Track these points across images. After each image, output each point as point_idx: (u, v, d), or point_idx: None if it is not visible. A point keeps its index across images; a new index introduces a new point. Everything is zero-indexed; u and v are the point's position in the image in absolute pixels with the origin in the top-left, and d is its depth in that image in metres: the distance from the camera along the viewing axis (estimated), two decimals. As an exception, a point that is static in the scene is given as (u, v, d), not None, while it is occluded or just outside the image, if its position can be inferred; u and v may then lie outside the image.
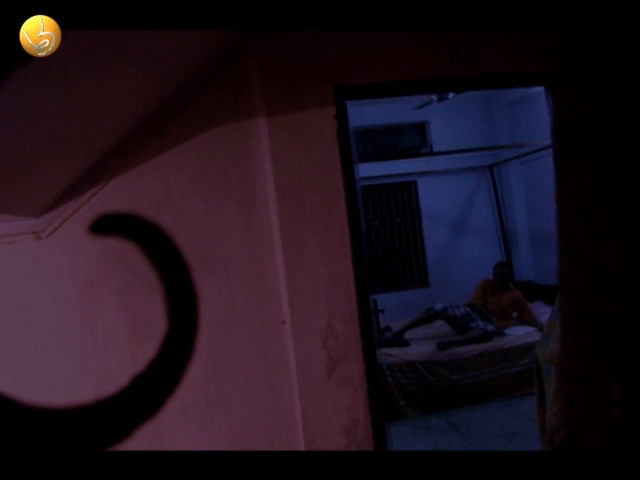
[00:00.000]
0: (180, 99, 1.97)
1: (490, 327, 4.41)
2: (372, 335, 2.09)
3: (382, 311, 2.77)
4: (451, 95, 4.23)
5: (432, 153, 5.76)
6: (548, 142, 2.50)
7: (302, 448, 2.01)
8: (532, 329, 4.42)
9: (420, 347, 4.33)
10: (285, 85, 2.00)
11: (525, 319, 4.61)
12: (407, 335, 4.59)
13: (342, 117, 2.05)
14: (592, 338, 0.66)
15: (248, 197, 2.02)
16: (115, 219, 1.61)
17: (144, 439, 2.00)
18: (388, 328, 4.84)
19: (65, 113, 1.53)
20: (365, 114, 5.49)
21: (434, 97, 4.32)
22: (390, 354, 4.16)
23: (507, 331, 4.50)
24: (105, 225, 1.71)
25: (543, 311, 4.51)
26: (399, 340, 4.47)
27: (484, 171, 6.05)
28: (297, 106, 2.00)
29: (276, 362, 2.03)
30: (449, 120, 5.78)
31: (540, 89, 2.93)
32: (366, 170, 4.78)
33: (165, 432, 2.00)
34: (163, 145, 1.98)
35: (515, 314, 4.70)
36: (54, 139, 1.62)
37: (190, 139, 1.99)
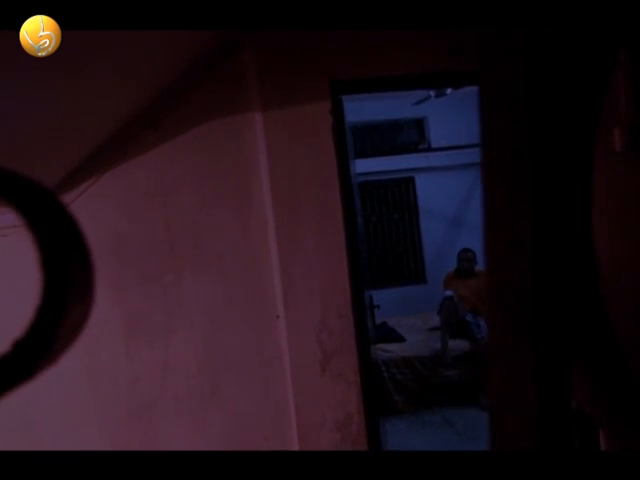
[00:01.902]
0: (175, 93, 1.96)
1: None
2: (366, 330, 2.09)
3: (377, 307, 2.77)
4: (449, 91, 4.22)
5: (430, 149, 5.75)
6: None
7: (295, 442, 2.01)
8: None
9: (416, 343, 4.34)
10: (281, 79, 1.99)
11: None
12: (402, 330, 4.59)
13: (338, 112, 2.05)
14: (509, 311, 0.70)
15: (243, 192, 2.02)
16: None
17: (138, 431, 2.01)
18: (385, 324, 4.84)
19: (58, 104, 1.52)
20: (363, 110, 5.48)
21: (432, 93, 4.31)
22: (386, 350, 4.17)
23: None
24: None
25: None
26: (395, 336, 4.47)
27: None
28: (293, 100, 2.00)
29: (270, 357, 2.03)
30: (447, 116, 5.76)
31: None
32: (364, 166, 4.77)
33: (158, 425, 2.01)
34: (158, 139, 1.97)
35: None
36: (48, 131, 1.61)
37: (185, 133, 1.99)
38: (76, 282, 0.29)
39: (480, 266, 4.63)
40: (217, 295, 2.00)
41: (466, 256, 4.71)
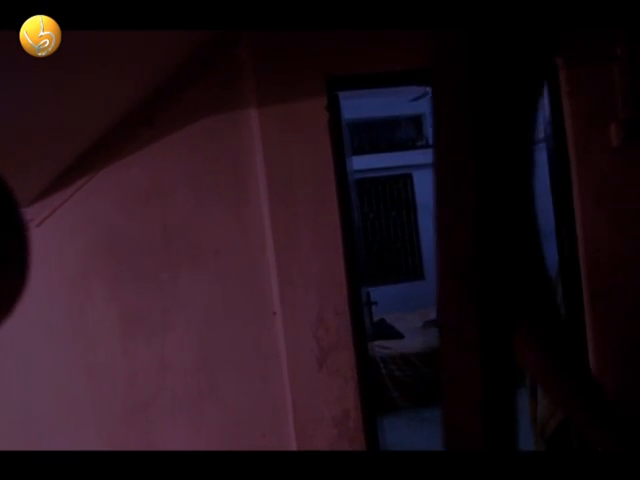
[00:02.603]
0: (170, 90, 1.96)
1: None
2: (363, 327, 2.09)
3: (375, 303, 2.77)
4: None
5: (428, 146, 5.74)
6: (542, 135, 2.51)
7: (293, 439, 2.01)
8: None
9: (414, 339, 4.34)
10: (277, 75, 1.99)
11: None
12: (401, 327, 4.60)
13: (334, 108, 2.04)
14: (456, 281, 0.73)
15: (239, 188, 2.01)
16: None
17: (135, 428, 2.01)
18: (383, 321, 4.84)
19: (55, 103, 1.52)
20: (361, 106, 5.46)
21: (429, 89, 4.30)
22: (384, 346, 4.17)
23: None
24: None
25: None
26: (393, 333, 4.47)
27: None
28: (289, 96, 1.99)
29: (267, 353, 2.03)
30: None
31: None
32: (362, 163, 4.76)
33: (156, 422, 2.01)
34: (153, 136, 1.96)
35: None
36: (43, 130, 1.61)
37: (180, 130, 1.98)
38: (9, 249, 0.29)
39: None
40: (214, 292, 2.00)
41: None
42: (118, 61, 1.55)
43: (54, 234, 1.91)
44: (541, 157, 2.67)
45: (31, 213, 1.88)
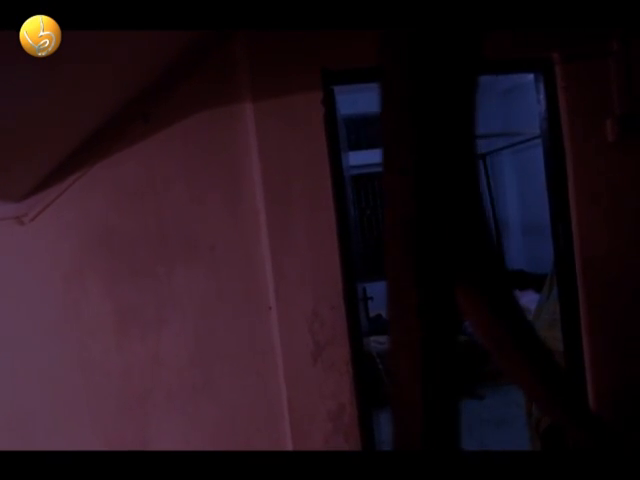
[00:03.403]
0: (165, 84, 1.95)
1: None
2: (358, 321, 2.09)
3: (371, 298, 2.77)
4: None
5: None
6: (538, 131, 2.51)
7: (288, 433, 2.01)
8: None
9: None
10: (272, 69, 1.98)
11: None
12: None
13: (330, 102, 2.03)
14: (400, 245, 0.79)
15: (234, 183, 2.01)
16: None
17: (130, 424, 2.01)
18: (379, 317, 4.84)
19: (48, 97, 1.51)
20: (358, 102, 5.45)
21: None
22: (380, 341, 4.17)
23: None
24: None
25: (532, 299, 4.52)
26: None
27: (477, 160, 6.04)
28: (284, 91, 1.98)
29: (262, 348, 2.02)
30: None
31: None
32: (359, 158, 4.75)
33: (151, 418, 2.01)
34: (148, 130, 1.95)
35: None
36: (37, 123, 1.60)
37: (175, 124, 1.97)
38: None
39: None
40: (209, 287, 2.00)
41: None
42: (112, 56, 1.54)
43: (48, 229, 1.90)
44: (537, 153, 2.68)
45: (24, 208, 1.87)
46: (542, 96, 2.20)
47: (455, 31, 0.74)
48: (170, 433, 2.01)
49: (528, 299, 4.72)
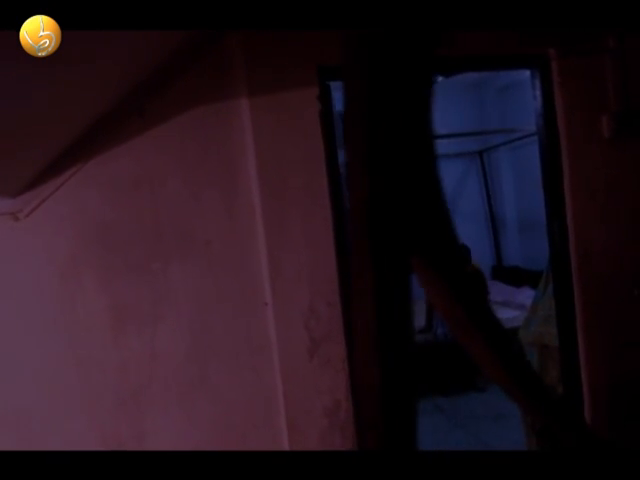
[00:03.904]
0: (161, 78, 1.94)
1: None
2: (354, 317, 2.09)
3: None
4: (440, 79, 4.20)
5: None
6: (534, 127, 2.52)
7: (284, 429, 2.02)
8: (517, 313, 4.45)
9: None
10: (268, 64, 1.97)
11: None
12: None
13: (326, 98, 2.03)
14: (361, 230, 0.86)
15: (230, 178, 2.00)
16: None
17: (127, 420, 2.01)
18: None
19: (43, 94, 1.50)
20: (355, 98, 5.44)
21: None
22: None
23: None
24: None
25: (528, 295, 4.53)
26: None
27: (474, 157, 6.03)
28: (280, 86, 1.98)
29: (258, 344, 2.03)
30: (439, 106, 5.69)
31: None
32: (355, 155, 4.75)
33: (147, 414, 2.00)
34: (143, 125, 1.95)
35: None
36: (32, 120, 1.59)
37: (171, 119, 1.96)
38: None
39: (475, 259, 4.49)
40: (205, 283, 2.00)
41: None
42: (107, 52, 1.53)
43: (43, 225, 1.90)
44: (534, 150, 2.69)
45: (19, 204, 1.87)
46: (538, 92, 2.20)
47: (409, 31, 0.80)
48: (166, 429, 2.01)
49: (524, 295, 4.74)
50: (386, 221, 0.77)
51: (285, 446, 2.02)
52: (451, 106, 5.78)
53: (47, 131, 1.75)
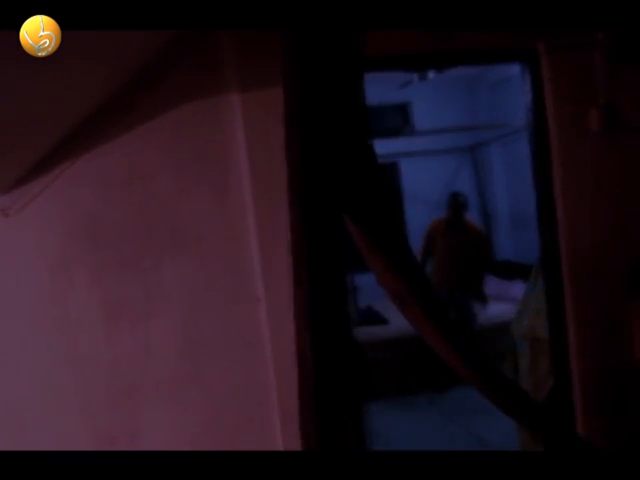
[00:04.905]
0: (151, 74, 1.93)
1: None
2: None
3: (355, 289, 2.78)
4: (432, 75, 4.20)
5: (414, 132, 5.74)
6: (523, 121, 2.53)
7: (278, 426, 2.02)
8: (510, 306, 4.48)
9: (399, 325, 4.37)
10: (259, 60, 1.96)
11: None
12: (388, 313, 4.62)
13: (317, 93, 2.03)
14: (292, 194, 0.97)
15: (221, 174, 2.00)
16: None
17: (120, 416, 2.01)
18: (370, 308, 4.87)
19: (32, 90, 1.49)
20: (347, 94, 5.43)
21: (415, 76, 4.29)
22: (369, 332, 4.20)
23: (487, 310, 4.55)
24: None
25: (521, 288, 4.56)
26: (378, 318, 4.50)
27: (466, 152, 6.06)
28: (272, 81, 1.96)
29: (251, 339, 2.03)
30: (432, 102, 5.75)
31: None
32: (348, 150, 4.75)
33: (140, 410, 2.01)
34: (134, 121, 1.94)
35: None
36: (21, 116, 1.58)
37: (162, 115, 1.95)
38: None
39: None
40: (197, 278, 2.00)
41: (456, 202, 4.17)
42: (97, 48, 1.52)
43: (34, 222, 1.89)
44: (525, 145, 2.71)
45: (9, 201, 1.86)
46: (528, 87, 2.21)
47: (340, 30, 0.87)
48: (159, 425, 2.01)
49: (517, 289, 4.76)
50: (320, 187, 0.87)
51: (278, 441, 2.02)
52: (444, 102, 5.80)
53: (36, 128, 1.74)
